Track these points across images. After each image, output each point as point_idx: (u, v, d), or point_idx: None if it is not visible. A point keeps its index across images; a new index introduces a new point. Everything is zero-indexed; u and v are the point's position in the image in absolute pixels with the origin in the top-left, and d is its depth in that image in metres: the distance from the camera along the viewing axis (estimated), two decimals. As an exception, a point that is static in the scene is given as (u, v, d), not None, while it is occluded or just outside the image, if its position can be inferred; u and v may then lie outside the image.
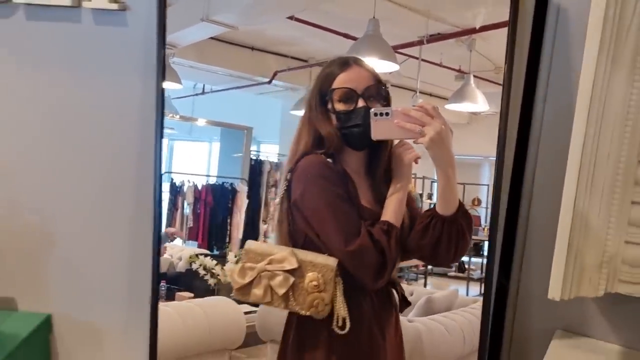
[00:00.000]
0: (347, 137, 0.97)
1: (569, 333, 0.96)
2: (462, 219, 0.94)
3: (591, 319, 0.95)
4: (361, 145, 0.98)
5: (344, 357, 0.97)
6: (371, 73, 0.99)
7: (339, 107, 0.97)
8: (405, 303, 1.06)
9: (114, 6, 1.03)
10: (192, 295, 2.49)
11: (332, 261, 0.93)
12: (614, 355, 0.90)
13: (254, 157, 5.04)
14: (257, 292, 0.95)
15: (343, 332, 0.92)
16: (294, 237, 0.98)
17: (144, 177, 1.09)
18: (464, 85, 3.57)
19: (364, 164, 1.02)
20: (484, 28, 3.11)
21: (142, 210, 1.11)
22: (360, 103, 0.96)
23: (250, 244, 0.97)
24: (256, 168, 5.09)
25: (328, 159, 0.98)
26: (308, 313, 0.93)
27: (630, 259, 0.82)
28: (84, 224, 1.14)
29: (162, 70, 1.00)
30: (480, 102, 3.48)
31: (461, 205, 0.94)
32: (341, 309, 0.93)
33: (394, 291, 1.04)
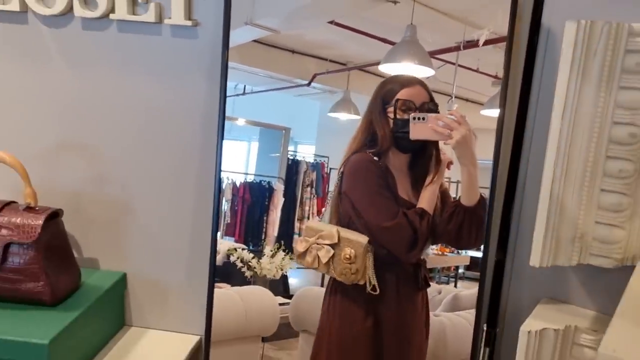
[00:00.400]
0: (398, 140, 1.21)
1: (554, 300, 1.17)
2: (482, 210, 1.16)
3: (572, 289, 1.16)
4: (408, 148, 1.22)
5: (376, 316, 1.25)
6: (428, 93, 1.23)
7: (399, 114, 1.20)
8: (425, 284, 1.30)
9: (189, 23, 1.24)
10: (229, 286, 2.69)
11: (362, 239, 1.20)
12: (588, 317, 1.11)
13: (291, 157, 5.22)
14: (308, 259, 1.26)
15: (375, 294, 1.20)
16: (341, 219, 1.26)
17: (207, 163, 1.32)
18: (500, 91, 3.69)
19: (407, 164, 1.25)
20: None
21: (204, 190, 1.35)
22: None
23: (310, 222, 1.27)
24: (293, 168, 5.26)
25: (374, 157, 1.22)
26: (339, 279, 1.22)
27: (600, 237, 1.03)
28: (157, 198, 1.36)
29: (225, 76, 1.25)
30: (516, 108, 3.60)
31: (482, 198, 1.16)
32: (371, 277, 1.20)
33: (419, 272, 1.28)
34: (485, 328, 1.23)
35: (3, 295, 1.18)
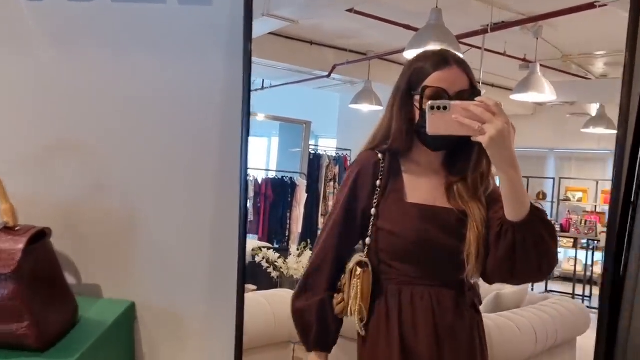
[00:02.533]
0: (424, 136, 0.89)
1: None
2: (538, 224, 0.85)
3: None
4: (438, 146, 0.93)
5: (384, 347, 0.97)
6: (468, 77, 0.91)
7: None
8: (474, 311, 0.98)
9: (199, -16, 1.01)
10: (255, 287, 2.51)
11: (350, 262, 0.95)
12: None
13: (313, 151, 5.07)
14: None
15: (362, 334, 0.94)
16: None
17: (229, 161, 1.07)
18: (529, 74, 3.42)
19: (441, 163, 0.97)
20: (551, 15, 2.93)
21: (228, 196, 1.09)
22: None
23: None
24: (314, 162, 5.12)
25: (379, 156, 0.96)
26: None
27: None
28: (168, 209, 1.12)
29: (249, 48, 0.96)
30: (548, 92, 3.32)
31: (535, 209, 0.85)
32: (354, 307, 0.93)
33: (460, 298, 0.95)
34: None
35: (-22, 341, 0.91)
